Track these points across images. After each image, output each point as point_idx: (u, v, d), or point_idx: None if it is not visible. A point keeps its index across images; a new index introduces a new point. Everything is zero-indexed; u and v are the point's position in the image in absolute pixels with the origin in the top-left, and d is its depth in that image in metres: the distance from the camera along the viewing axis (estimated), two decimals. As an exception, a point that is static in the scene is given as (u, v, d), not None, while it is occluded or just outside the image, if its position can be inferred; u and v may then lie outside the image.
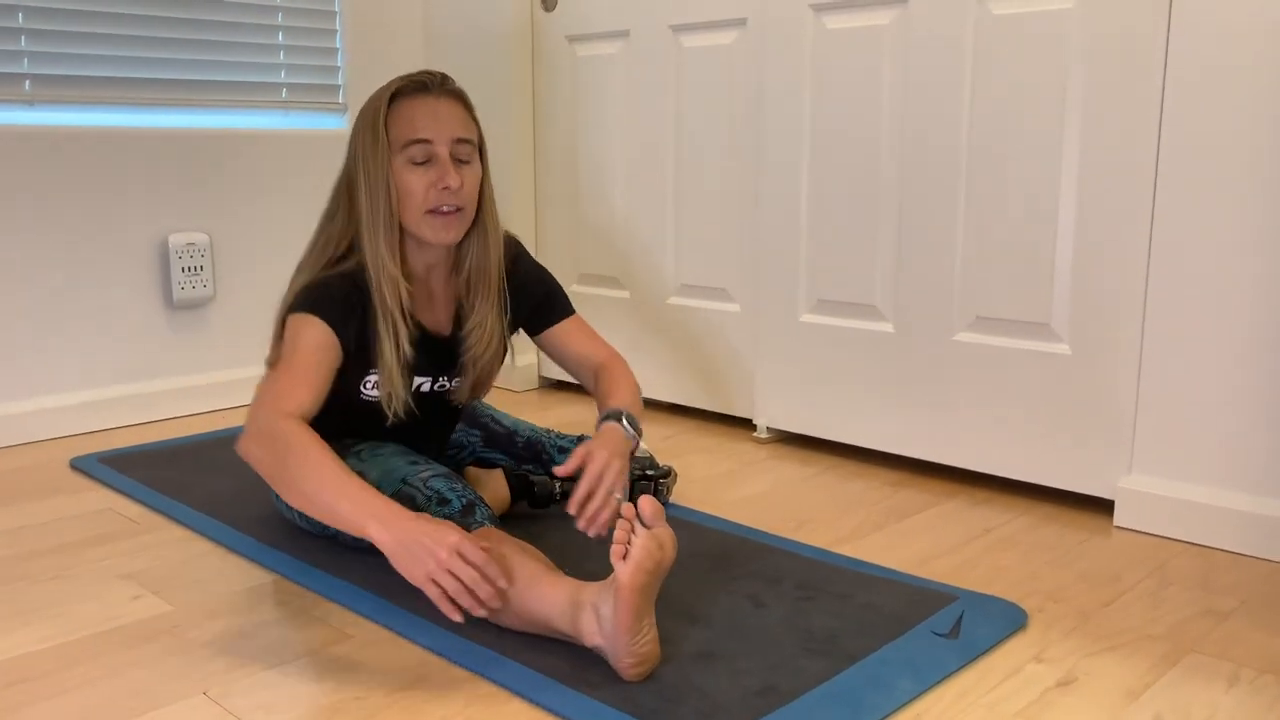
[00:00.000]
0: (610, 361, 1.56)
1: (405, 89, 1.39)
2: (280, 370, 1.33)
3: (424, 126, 1.36)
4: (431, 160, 1.37)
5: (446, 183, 1.36)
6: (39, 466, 2.02)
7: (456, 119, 1.39)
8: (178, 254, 2.34)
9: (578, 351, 1.58)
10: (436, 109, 1.37)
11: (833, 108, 1.98)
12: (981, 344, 1.84)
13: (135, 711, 1.13)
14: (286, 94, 2.51)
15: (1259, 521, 1.56)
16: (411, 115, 1.37)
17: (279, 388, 1.30)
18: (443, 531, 1.16)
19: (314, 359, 1.33)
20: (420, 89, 1.39)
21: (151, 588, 1.45)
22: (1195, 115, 1.55)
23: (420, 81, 1.39)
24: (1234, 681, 1.20)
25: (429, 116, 1.37)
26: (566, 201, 2.54)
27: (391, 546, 1.16)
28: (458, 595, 1.15)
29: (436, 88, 1.39)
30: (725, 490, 1.87)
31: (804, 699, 1.13)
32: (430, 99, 1.38)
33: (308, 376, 1.32)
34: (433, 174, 1.37)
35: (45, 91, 2.18)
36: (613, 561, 1.13)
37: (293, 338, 1.35)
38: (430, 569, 1.14)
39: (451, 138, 1.38)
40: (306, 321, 1.36)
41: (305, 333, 1.35)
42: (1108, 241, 1.67)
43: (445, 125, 1.37)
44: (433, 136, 1.36)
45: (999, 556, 1.57)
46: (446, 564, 1.14)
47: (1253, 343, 1.55)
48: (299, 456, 1.21)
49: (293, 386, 1.30)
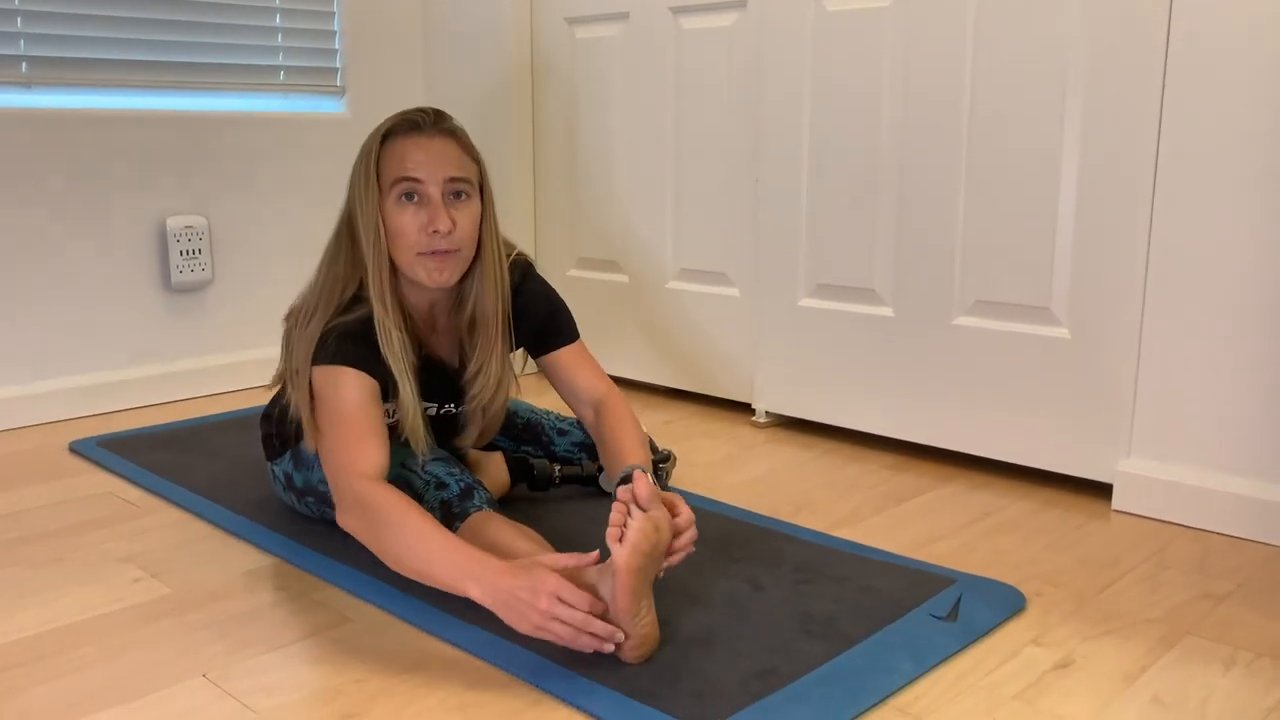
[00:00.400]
0: (610, 399, 1.46)
1: (398, 127, 1.34)
2: (337, 432, 1.29)
3: (414, 165, 1.31)
4: (423, 200, 1.32)
5: (436, 225, 1.30)
6: (38, 450, 2.02)
7: (450, 157, 1.33)
8: (175, 237, 2.34)
9: (576, 382, 1.49)
10: (428, 147, 1.32)
11: (833, 91, 1.97)
12: (981, 328, 1.84)
13: (135, 693, 1.13)
14: (284, 76, 2.50)
15: (1257, 505, 1.56)
16: (403, 154, 1.32)
17: (347, 452, 1.27)
18: (537, 580, 1.11)
19: (364, 413, 1.30)
20: (412, 127, 1.33)
21: (151, 571, 1.45)
22: (1198, 98, 1.55)
23: (412, 120, 1.34)
24: (1231, 664, 1.20)
25: (420, 155, 1.31)
26: (565, 185, 2.53)
27: (492, 604, 1.13)
28: (571, 641, 1.12)
29: (429, 126, 1.34)
30: (724, 474, 1.88)
31: (802, 681, 1.14)
32: (422, 137, 1.33)
33: (366, 432, 1.29)
34: (424, 215, 1.31)
35: (42, 74, 2.17)
36: (609, 544, 1.13)
37: (332, 394, 1.31)
38: (535, 621, 1.11)
39: (444, 177, 1.31)
40: (341, 375, 1.31)
41: (344, 386, 1.31)
42: (1108, 226, 1.66)
43: (437, 164, 1.31)
44: (424, 176, 1.31)
45: (998, 540, 1.57)
46: (549, 613, 1.10)
47: (1252, 327, 1.55)
48: (388, 523, 1.20)
49: (360, 446, 1.27)
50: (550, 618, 1.10)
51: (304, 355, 1.35)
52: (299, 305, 1.42)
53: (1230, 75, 1.52)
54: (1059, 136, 1.69)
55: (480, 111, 2.60)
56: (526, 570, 1.13)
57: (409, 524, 1.19)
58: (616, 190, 2.42)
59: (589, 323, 2.53)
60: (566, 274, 2.56)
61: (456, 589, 1.16)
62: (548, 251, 2.60)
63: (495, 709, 1.10)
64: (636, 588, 1.13)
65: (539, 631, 1.12)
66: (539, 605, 1.10)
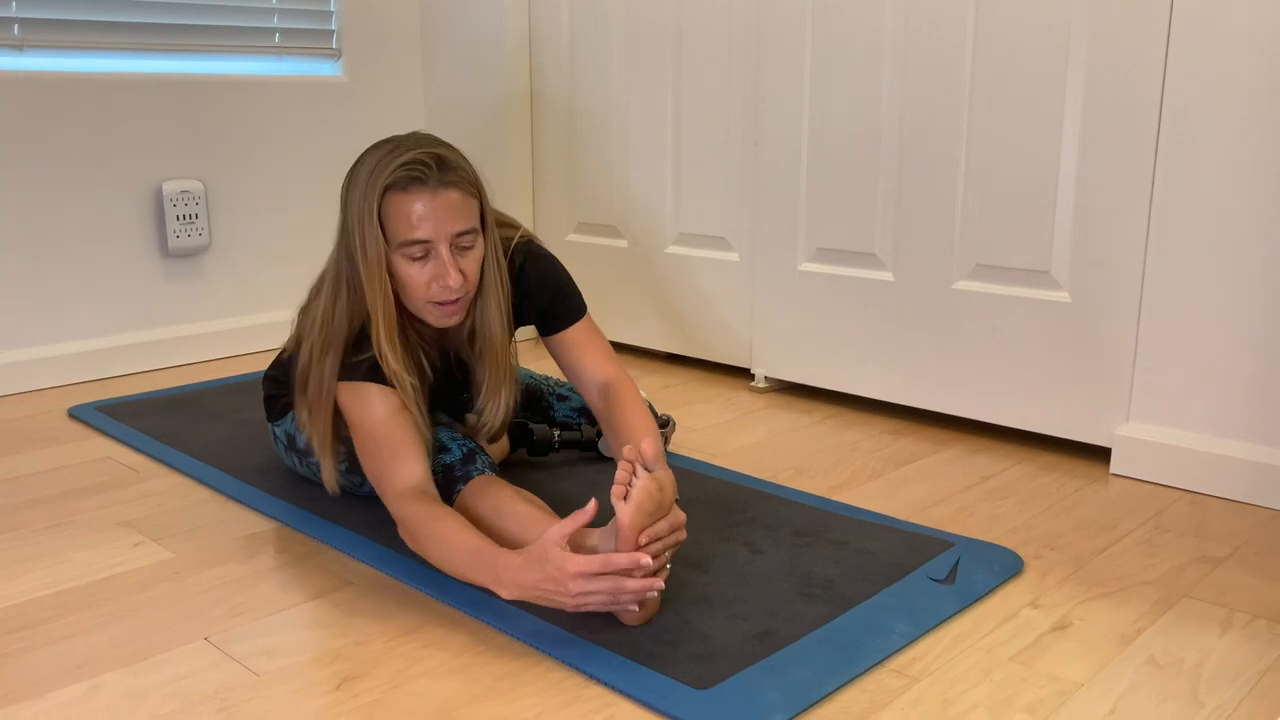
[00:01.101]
0: (618, 384, 1.43)
1: (397, 182, 1.26)
2: (373, 453, 1.31)
3: (421, 226, 1.26)
4: (431, 256, 1.30)
5: (447, 282, 1.29)
6: (37, 415, 2.02)
7: (456, 213, 1.28)
8: (172, 202, 2.32)
9: (583, 364, 1.46)
10: (434, 205, 1.26)
11: (833, 54, 1.95)
12: (981, 292, 1.83)
13: (137, 656, 1.14)
14: (280, 39, 2.48)
15: (1255, 469, 1.56)
16: (408, 213, 1.26)
17: (381, 472, 1.30)
18: (555, 569, 1.11)
19: (396, 423, 1.31)
20: (416, 182, 1.26)
21: (152, 535, 1.46)
22: (1200, 60, 1.53)
23: (413, 175, 1.26)
24: (1227, 626, 1.21)
25: (426, 213, 1.26)
26: (564, 149, 2.51)
27: (524, 599, 1.15)
28: (612, 606, 1.13)
29: (433, 179, 1.27)
30: (723, 439, 1.88)
31: (801, 643, 1.14)
32: (426, 193, 1.26)
33: (398, 448, 1.31)
34: (432, 269, 1.29)
35: (35, 36, 2.15)
36: (613, 502, 1.14)
37: (361, 411, 1.32)
38: (571, 606, 1.12)
39: (451, 233, 1.28)
40: (366, 392, 1.33)
41: (372, 403, 1.32)
42: (1109, 189, 1.66)
43: (444, 222, 1.27)
44: (432, 236, 1.27)
45: (996, 504, 1.58)
46: (579, 596, 1.11)
47: (1252, 292, 1.54)
48: (422, 539, 1.24)
49: (392, 464, 1.30)
50: (581, 600, 1.11)
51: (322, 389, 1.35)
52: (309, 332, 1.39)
53: (1234, 40, 1.50)
54: (1060, 100, 1.68)
55: (478, 75, 2.58)
56: (540, 560, 1.13)
57: (436, 531, 1.23)
58: (615, 154, 2.40)
59: (588, 287, 2.52)
60: (565, 239, 2.55)
61: (491, 591, 1.21)
62: (546, 216, 2.59)
63: (495, 670, 1.11)
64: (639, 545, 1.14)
65: (579, 610, 1.13)
66: (569, 591, 1.11)
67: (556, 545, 1.12)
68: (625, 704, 1.05)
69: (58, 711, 1.04)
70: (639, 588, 1.11)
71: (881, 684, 1.09)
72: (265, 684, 1.09)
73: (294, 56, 2.52)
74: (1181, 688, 1.08)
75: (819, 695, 1.05)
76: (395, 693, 1.07)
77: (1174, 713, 1.04)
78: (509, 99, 2.53)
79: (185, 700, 1.06)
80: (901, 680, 1.09)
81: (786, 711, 1.02)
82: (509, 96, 2.53)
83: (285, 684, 1.09)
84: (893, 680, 1.09)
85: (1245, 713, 1.04)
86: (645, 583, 1.12)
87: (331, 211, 2.60)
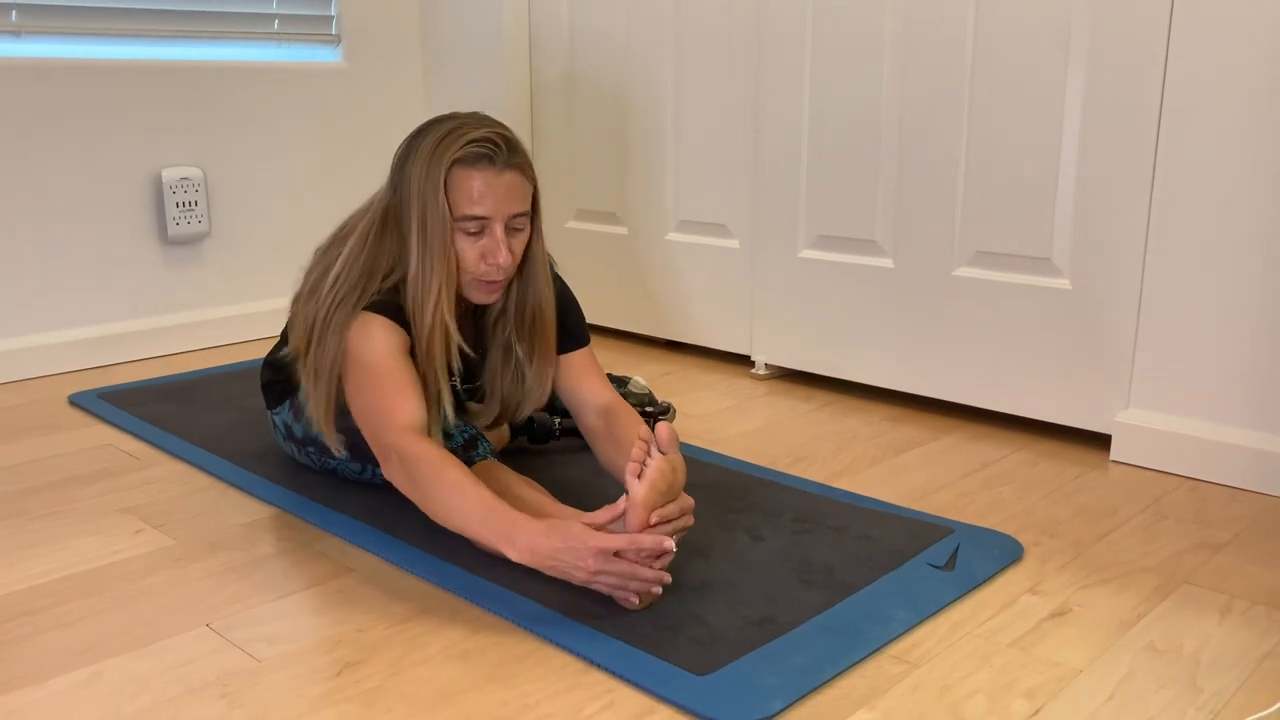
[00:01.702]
0: (619, 406, 1.44)
1: (466, 156, 1.30)
2: (372, 388, 1.30)
3: (483, 203, 1.30)
4: (485, 232, 1.32)
5: (497, 260, 1.32)
6: (37, 403, 2.02)
7: (516, 195, 1.32)
8: (171, 189, 2.32)
9: (583, 387, 1.47)
10: (496, 185, 1.30)
11: (834, 41, 1.95)
12: (982, 279, 1.83)
13: (139, 642, 1.14)
14: (279, 25, 2.47)
15: (1255, 456, 1.56)
16: (470, 189, 1.30)
17: (385, 406, 1.28)
18: (578, 541, 1.12)
19: (397, 365, 1.31)
20: (485, 160, 1.30)
21: (152, 522, 1.46)
22: (1203, 48, 1.53)
23: (483, 153, 1.30)
24: (1226, 612, 1.21)
25: (489, 193, 1.30)
26: (563, 135, 2.51)
27: (531, 564, 1.15)
28: (617, 590, 1.15)
29: (501, 160, 1.31)
30: (724, 426, 1.88)
31: (801, 629, 1.15)
32: (493, 174, 1.30)
33: (402, 385, 1.30)
34: (484, 244, 1.32)
35: (33, 22, 2.14)
36: (627, 480, 1.15)
37: (363, 346, 1.31)
38: (583, 579, 1.14)
39: (509, 214, 1.32)
40: (371, 323, 1.32)
41: (376, 338, 1.31)
42: (1110, 176, 1.65)
43: (505, 202, 1.31)
44: (491, 214, 1.31)
45: (996, 491, 1.58)
46: (597, 571, 1.12)
47: (1252, 279, 1.54)
48: (428, 479, 1.22)
49: (396, 399, 1.28)
50: (597, 575, 1.13)
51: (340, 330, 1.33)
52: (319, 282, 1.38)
53: (1236, 27, 1.49)
54: (1061, 86, 1.68)
55: (478, 61, 2.57)
56: (564, 531, 1.14)
57: (446, 480, 1.21)
58: (615, 140, 2.40)
59: (588, 275, 2.52)
60: (565, 226, 2.55)
61: (493, 548, 1.19)
62: (546, 203, 2.58)
63: (496, 656, 1.11)
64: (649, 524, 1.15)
65: (587, 585, 1.15)
66: (587, 565, 1.12)
67: (584, 522, 1.15)
68: (625, 690, 1.05)
69: (60, 697, 1.04)
70: (652, 577, 1.13)
71: (881, 670, 1.09)
72: (266, 670, 1.09)
73: (294, 43, 2.51)
74: (1180, 673, 1.09)
75: (818, 681, 1.05)
76: (396, 679, 1.07)
77: (1173, 698, 1.04)
78: (508, 86, 2.52)
79: (187, 686, 1.06)
80: (901, 666, 1.10)
81: (786, 697, 1.02)
82: (508, 83, 2.52)
83: (286, 670, 1.09)
84: (892, 666, 1.10)
85: (1244, 698, 1.04)
86: (658, 574, 1.14)
87: (332, 200, 2.59)
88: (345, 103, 2.60)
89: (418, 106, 2.73)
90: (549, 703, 1.03)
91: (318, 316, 1.36)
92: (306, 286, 1.41)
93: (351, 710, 1.02)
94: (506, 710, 1.02)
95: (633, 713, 1.02)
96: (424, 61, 2.72)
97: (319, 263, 1.41)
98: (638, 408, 1.77)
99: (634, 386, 1.82)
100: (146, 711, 1.02)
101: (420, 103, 2.73)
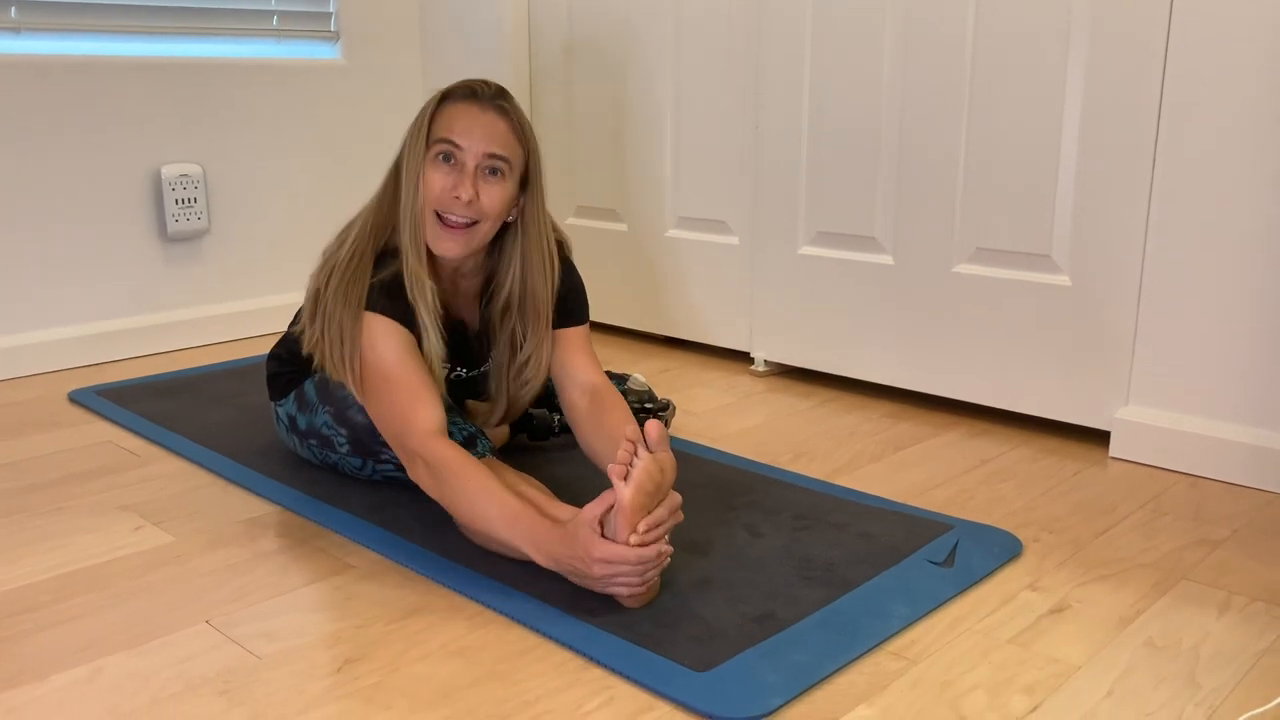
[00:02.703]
0: (606, 389, 1.44)
1: (456, 91, 1.36)
2: (388, 393, 1.31)
3: (459, 131, 1.33)
4: (457, 165, 1.34)
5: (459, 192, 1.32)
6: (37, 400, 2.02)
7: (495, 133, 1.34)
8: (170, 186, 2.32)
9: (574, 364, 1.47)
10: (478, 117, 1.33)
11: (834, 36, 1.94)
12: (981, 275, 1.83)
13: (139, 639, 1.14)
14: (278, 21, 2.47)
15: (1253, 452, 1.57)
16: (451, 118, 1.34)
17: (404, 412, 1.30)
18: (583, 550, 1.15)
19: (409, 368, 1.32)
20: (469, 95, 1.35)
21: (152, 519, 1.46)
22: (1202, 44, 1.53)
23: (472, 88, 1.36)
24: (1225, 608, 1.22)
25: (467, 123, 1.33)
26: (563, 133, 2.51)
27: (555, 570, 1.19)
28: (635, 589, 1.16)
29: (485, 98, 1.35)
30: (723, 422, 1.88)
31: (800, 625, 1.15)
32: (474, 107, 1.34)
33: (418, 388, 1.31)
34: (452, 178, 1.33)
35: (32, 19, 2.14)
36: (613, 481, 1.14)
37: (371, 352, 1.32)
38: (597, 587, 1.17)
39: (483, 151, 1.33)
40: (376, 325, 1.33)
41: (381, 341, 1.32)
42: (1109, 173, 1.65)
43: (480, 136, 1.33)
44: (464, 144, 1.32)
45: (995, 487, 1.58)
46: (606, 578, 1.14)
47: (1252, 276, 1.54)
48: (453, 483, 1.25)
49: (414, 404, 1.30)
50: (609, 580, 1.15)
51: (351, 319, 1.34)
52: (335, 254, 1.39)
53: (1235, 23, 1.49)
54: (1061, 82, 1.67)
55: (477, 58, 2.57)
56: (573, 539, 1.16)
57: (472, 484, 1.23)
58: (615, 137, 2.40)
59: (587, 272, 2.50)
60: (565, 222, 2.55)
61: (518, 553, 1.22)
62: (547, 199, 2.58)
63: (495, 653, 1.11)
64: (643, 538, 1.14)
65: (606, 590, 1.17)
66: (594, 573, 1.14)
67: (588, 526, 1.15)
68: (625, 686, 1.05)
69: (60, 694, 1.04)
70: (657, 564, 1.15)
71: (880, 666, 1.09)
72: (267, 666, 1.09)
73: (292, 39, 2.51)
74: (1179, 669, 1.09)
75: (818, 677, 1.06)
76: (396, 675, 1.08)
77: (1172, 694, 1.04)
78: (508, 82, 2.52)
79: (187, 683, 1.06)
80: (900, 662, 1.10)
81: (785, 693, 1.03)
82: (508, 80, 2.52)
83: (286, 666, 1.09)
84: (891, 662, 1.10)
85: (1242, 694, 1.04)
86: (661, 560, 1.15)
87: (331, 196, 2.59)
88: (344, 99, 2.59)
89: (417, 103, 2.71)
90: (548, 699, 1.03)
91: (330, 276, 1.36)
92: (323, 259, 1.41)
93: (351, 706, 1.02)
94: (506, 707, 1.02)
95: (632, 709, 1.02)
96: (423, 58, 2.72)
97: (335, 240, 1.42)
98: (637, 404, 1.77)
99: (633, 383, 1.82)
100: (146, 708, 1.02)
101: (419, 99, 2.73)
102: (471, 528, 1.28)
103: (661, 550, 1.14)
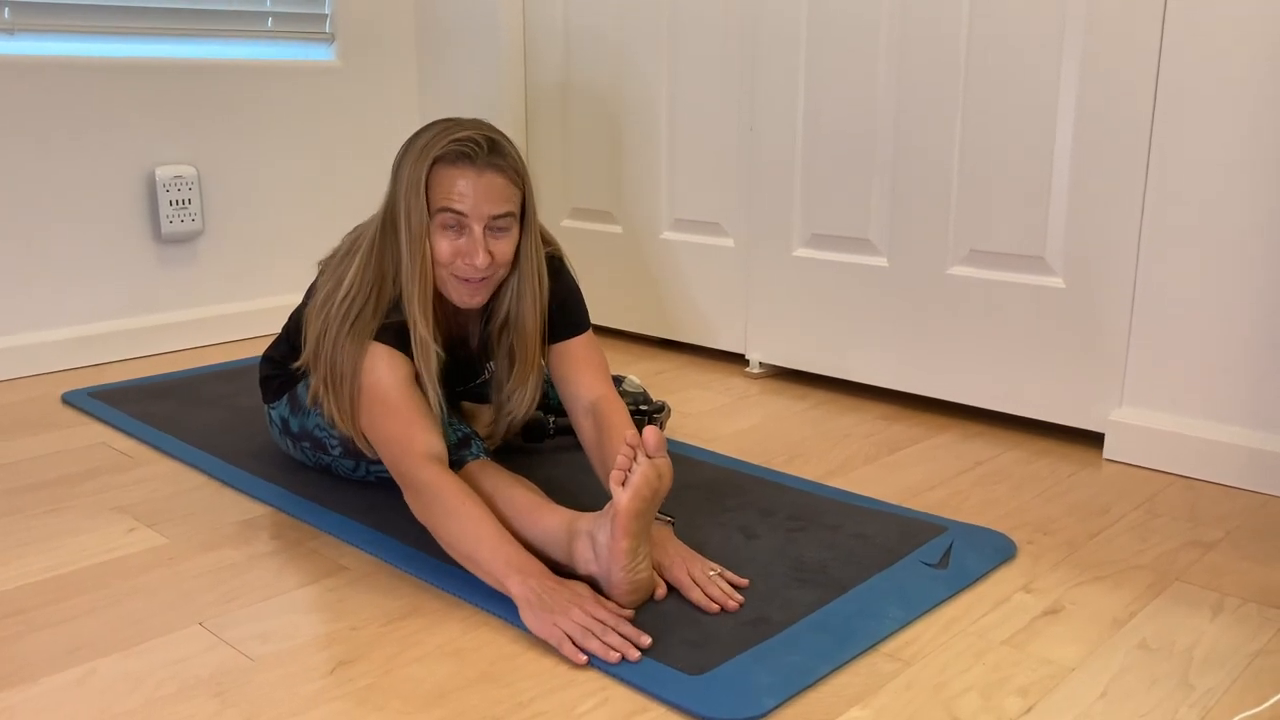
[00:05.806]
0: (609, 405, 1.42)
1: (448, 155, 1.30)
2: (387, 420, 1.31)
3: (460, 199, 1.30)
4: (464, 230, 1.32)
5: (472, 260, 1.31)
6: (30, 401, 2.01)
7: (496, 194, 1.31)
8: (165, 187, 2.32)
9: (579, 380, 1.46)
10: (477, 182, 1.30)
11: (828, 38, 1.95)
12: (975, 278, 1.83)
13: (132, 641, 1.14)
14: (272, 23, 2.46)
15: (1247, 454, 1.57)
16: (450, 185, 1.30)
17: (401, 439, 1.30)
18: (573, 594, 1.15)
19: (405, 395, 1.32)
20: (463, 158, 1.30)
21: (146, 521, 1.46)
22: (1196, 46, 1.53)
23: (465, 151, 1.30)
24: (1218, 610, 1.22)
25: (467, 190, 1.30)
26: (558, 134, 2.51)
27: (527, 597, 1.15)
28: (583, 639, 1.11)
29: (481, 158, 1.31)
30: (718, 424, 1.88)
31: (794, 627, 1.15)
32: (472, 170, 1.30)
33: (415, 415, 1.31)
34: (462, 243, 1.32)
35: (26, 20, 2.14)
36: (611, 487, 1.14)
37: (373, 381, 1.32)
38: (560, 621, 1.12)
39: (488, 214, 1.31)
40: (378, 358, 1.33)
41: (382, 372, 1.32)
42: (1104, 175, 1.65)
43: (483, 201, 1.30)
44: (468, 211, 1.30)
45: (990, 489, 1.58)
46: (582, 621, 1.12)
47: (1246, 278, 1.55)
48: (444, 509, 1.24)
49: (410, 430, 1.30)
50: (578, 625, 1.11)
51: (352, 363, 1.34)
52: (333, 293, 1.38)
53: (1228, 27, 1.50)
54: (1055, 85, 1.68)
55: (473, 60, 2.57)
56: (566, 582, 1.17)
57: (463, 511, 1.22)
58: (610, 139, 2.40)
59: (582, 274, 2.50)
60: (560, 225, 2.54)
61: (498, 580, 1.18)
62: (540, 202, 2.58)
63: (489, 655, 1.11)
64: (635, 531, 1.14)
65: (552, 629, 1.12)
66: (571, 615, 1.12)
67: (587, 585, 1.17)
68: (619, 689, 1.05)
69: (52, 695, 1.04)
70: (616, 644, 1.10)
71: (874, 668, 1.09)
72: (260, 668, 1.09)
73: (287, 40, 2.51)
74: (1173, 671, 1.09)
75: (812, 679, 1.06)
76: (389, 677, 1.07)
77: (1165, 696, 1.04)
78: (503, 84, 2.52)
79: (180, 684, 1.06)
80: (894, 664, 1.10)
81: (779, 695, 1.02)
82: (503, 81, 2.52)
83: (280, 668, 1.09)
84: (885, 664, 1.10)
85: (1236, 696, 1.05)
86: (634, 637, 1.12)
87: (325, 198, 2.59)
88: (339, 101, 2.59)
89: (412, 105, 2.73)
90: (542, 701, 1.03)
91: (329, 325, 1.35)
92: (319, 298, 1.40)
93: (344, 708, 1.02)
94: (499, 709, 1.02)
95: (625, 711, 1.02)
96: (418, 59, 2.72)
97: (331, 274, 1.41)
98: (632, 406, 1.77)
99: (628, 385, 1.82)
100: (139, 710, 1.02)
101: (414, 101, 2.73)
102: (458, 552, 1.24)
103: (636, 635, 1.12)
